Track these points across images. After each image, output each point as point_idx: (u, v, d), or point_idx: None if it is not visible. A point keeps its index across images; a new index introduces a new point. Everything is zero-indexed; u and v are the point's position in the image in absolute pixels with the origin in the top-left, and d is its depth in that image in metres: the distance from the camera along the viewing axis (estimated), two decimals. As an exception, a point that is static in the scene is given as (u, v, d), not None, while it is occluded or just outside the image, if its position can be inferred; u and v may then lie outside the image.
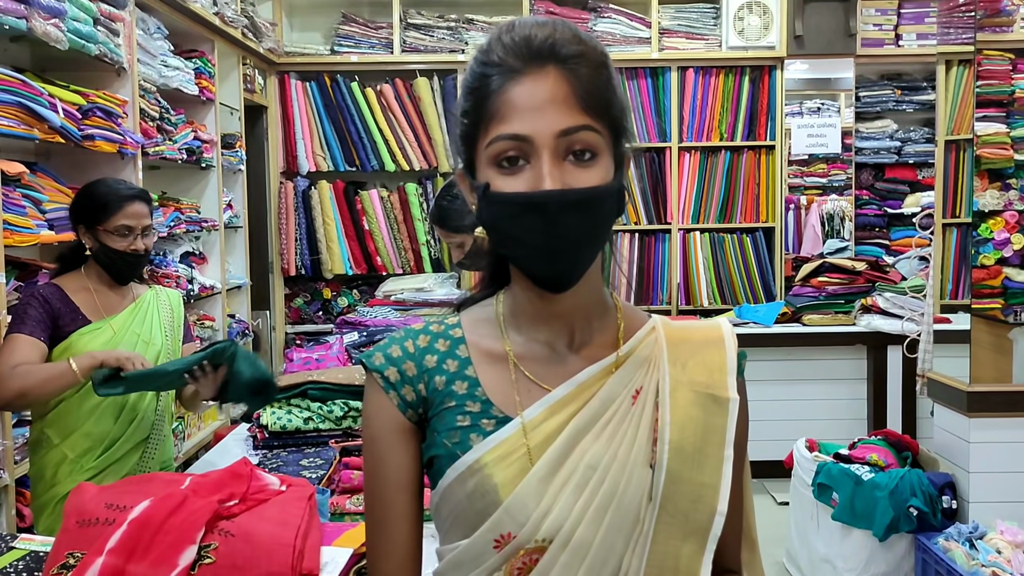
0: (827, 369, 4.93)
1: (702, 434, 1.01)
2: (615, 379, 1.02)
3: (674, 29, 5.80)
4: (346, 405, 2.69)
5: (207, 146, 4.45)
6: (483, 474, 0.98)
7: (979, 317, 3.55)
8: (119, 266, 2.49)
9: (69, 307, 2.43)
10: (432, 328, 1.07)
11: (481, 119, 0.96)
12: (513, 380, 1.03)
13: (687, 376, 1.03)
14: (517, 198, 0.94)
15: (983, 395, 3.33)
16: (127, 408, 2.47)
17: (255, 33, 5.12)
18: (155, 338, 2.56)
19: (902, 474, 3.38)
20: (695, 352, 1.05)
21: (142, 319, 2.55)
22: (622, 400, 1.01)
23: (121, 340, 2.47)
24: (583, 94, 0.94)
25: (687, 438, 1.00)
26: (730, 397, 1.03)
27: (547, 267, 0.97)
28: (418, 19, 5.76)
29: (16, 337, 2.34)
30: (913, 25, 5.89)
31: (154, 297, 2.63)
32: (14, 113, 2.79)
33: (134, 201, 2.48)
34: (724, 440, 1.01)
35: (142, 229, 2.48)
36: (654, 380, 1.02)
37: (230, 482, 1.51)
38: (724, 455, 1.01)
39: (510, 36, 0.96)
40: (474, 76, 0.98)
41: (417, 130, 5.76)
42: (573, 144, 0.94)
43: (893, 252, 5.80)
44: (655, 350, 1.05)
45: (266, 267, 5.77)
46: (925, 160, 6.10)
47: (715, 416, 1.02)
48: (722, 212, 5.89)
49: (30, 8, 2.85)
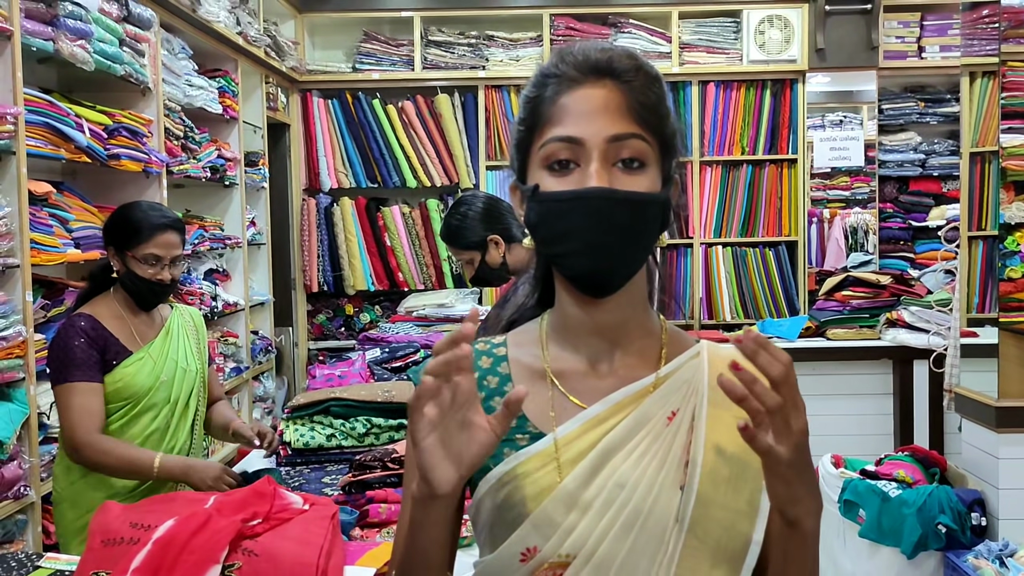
0: (852, 384, 4.87)
1: (739, 459, 0.99)
2: (652, 400, 1.02)
3: (694, 43, 5.80)
4: (368, 422, 2.69)
5: (230, 164, 4.48)
6: (513, 486, 0.99)
7: (1007, 331, 3.50)
8: (143, 293, 2.47)
9: (109, 339, 2.41)
10: (478, 346, 1.09)
11: (536, 124, 1.01)
12: (550, 397, 1.04)
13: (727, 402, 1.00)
14: (564, 195, 0.98)
15: (1012, 410, 3.28)
16: (164, 443, 2.49)
17: (278, 52, 5.17)
18: (191, 364, 2.57)
19: (930, 491, 3.33)
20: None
21: (176, 344, 2.55)
22: (657, 421, 1.01)
23: (162, 369, 2.48)
24: (636, 105, 0.98)
25: (723, 463, 0.99)
26: None
27: (589, 264, 0.99)
28: (439, 36, 5.79)
29: (75, 387, 2.32)
30: (936, 37, 5.84)
31: (178, 317, 2.63)
32: (41, 133, 2.84)
33: (166, 231, 2.44)
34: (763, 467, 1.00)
35: (171, 259, 2.45)
36: (691, 403, 1.02)
37: (253, 501, 1.52)
38: (763, 483, 0.98)
39: (571, 55, 1.02)
40: (532, 87, 1.03)
41: (438, 146, 5.78)
42: (622, 151, 0.98)
43: (918, 265, 5.74)
44: (697, 374, 1.03)
45: (289, 283, 5.80)
46: (950, 172, 6.04)
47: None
48: (744, 226, 5.87)
49: (57, 30, 2.89)
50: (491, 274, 2.67)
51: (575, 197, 0.97)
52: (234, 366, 4.51)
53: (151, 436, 2.46)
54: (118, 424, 2.42)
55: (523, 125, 1.03)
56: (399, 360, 3.53)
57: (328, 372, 3.36)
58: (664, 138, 1.01)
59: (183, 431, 2.53)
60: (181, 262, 2.53)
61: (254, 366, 4.82)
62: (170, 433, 2.50)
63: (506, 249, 2.63)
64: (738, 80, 5.82)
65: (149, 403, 2.45)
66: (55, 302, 3.02)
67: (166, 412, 2.50)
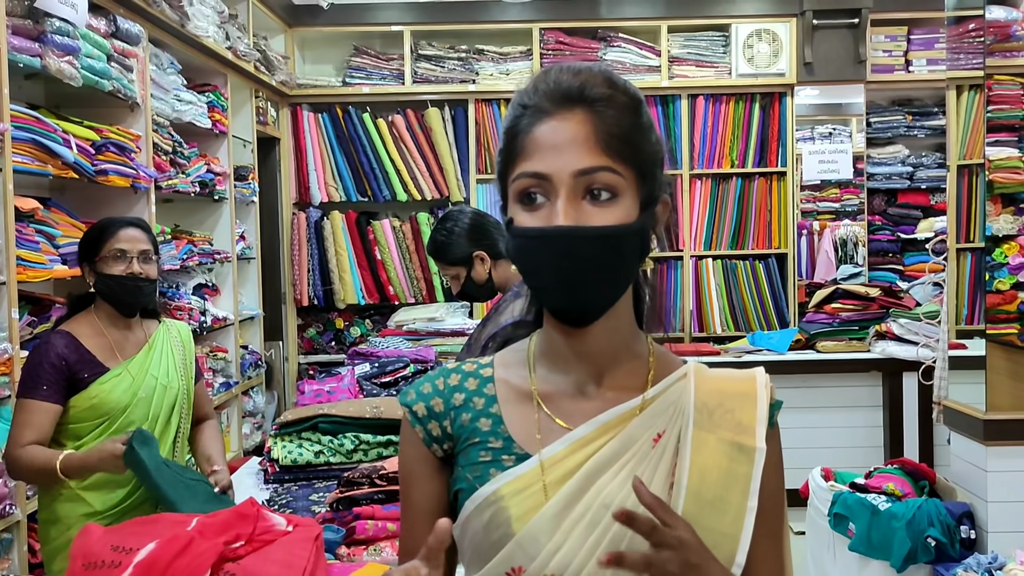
0: (842, 397, 4.88)
1: (724, 482, 1.00)
2: (638, 421, 1.02)
3: (684, 57, 5.82)
4: (356, 438, 2.68)
5: (220, 178, 4.48)
6: (499, 506, 1.00)
7: (995, 343, 3.51)
8: (119, 293, 2.44)
9: (84, 356, 2.39)
10: (465, 367, 1.10)
11: (511, 157, 1.01)
12: (536, 419, 1.04)
13: (713, 424, 1.02)
14: (532, 231, 0.98)
15: (1000, 423, 3.29)
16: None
17: (268, 66, 5.17)
18: (172, 381, 2.53)
19: (919, 504, 3.33)
20: (724, 402, 1.04)
21: (158, 360, 2.52)
22: (643, 443, 1.01)
23: (140, 384, 2.45)
24: (605, 136, 0.97)
25: (708, 485, 1.00)
26: (756, 447, 1.02)
27: (561, 300, 0.99)
28: (429, 50, 5.80)
29: (27, 404, 2.32)
30: (923, 51, 5.88)
31: (165, 332, 2.59)
32: (28, 150, 2.83)
33: (127, 227, 2.46)
34: (748, 490, 1.00)
35: (138, 253, 2.44)
36: (677, 425, 1.02)
37: (236, 523, 1.51)
38: (748, 505, 1.00)
39: (545, 80, 1.01)
40: (509, 117, 1.03)
41: (428, 160, 5.79)
42: (591, 184, 0.97)
43: (907, 278, 5.75)
44: (683, 396, 1.04)
45: (279, 298, 5.78)
46: (937, 185, 6.07)
47: (740, 464, 1.01)
48: (734, 239, 5.88)
49: (44, 46, 2.89)
50: (477, 290, 2.68)
51: (541, 235, 0.97)
52: (223, 381, 4.49)
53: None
54: (94, 440, 2.38)
55: (500, 156, 1.04)
56: (388, 375, 3.52)
57: (317, 388, 3.35)
58: (640, 165, 0.99)
59: (163, 449, 2.46)
60: (153, 261, 2.49)
61: (244, 381, 4.80)
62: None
63: (492, 265, 2.64)
64: (727, 93, 5.84)
65: (127, 420, 2.41)
66: (41, 318, 3.01)
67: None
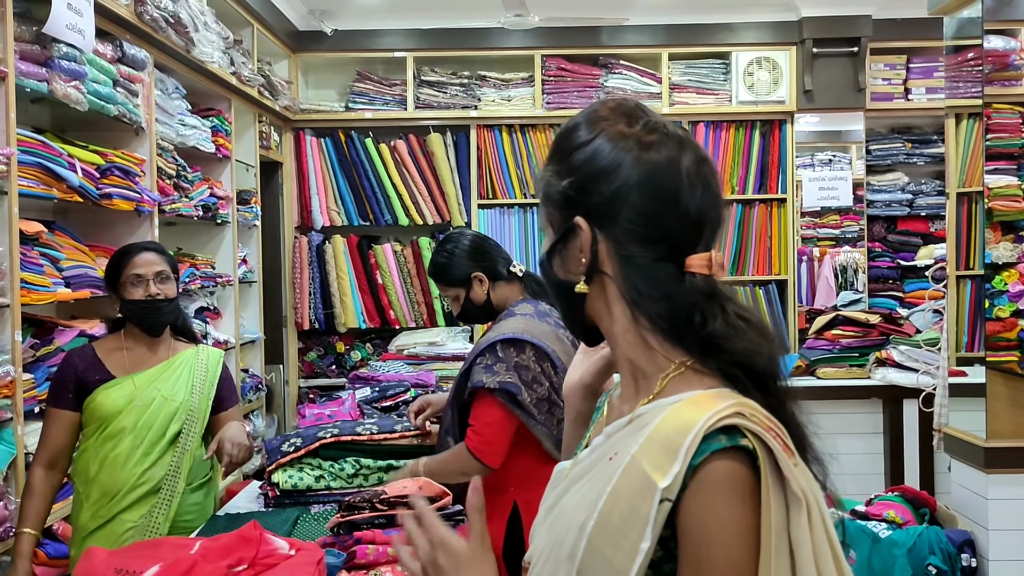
0: (842, 423, 4.87)
1: (628, 515, 0.94)
2: (614, 438, 1.04)
3: (684, 84, 5.87)
4: (357, 463, 2.69)
5: (223, 202, 4.50)
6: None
7: (995, 371, 3.52)
8: (141, 316, 2.57)
9: (95, 365, 2.55)
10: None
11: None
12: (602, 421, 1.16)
13: (650, 450, 0.96)
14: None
15: (1001, 451, 3.29)
16: (135, 460, 2.51)
17: (271, 91, 5.21)
18: (177, 395, 2.58)
19: (920, 531, 3.33)
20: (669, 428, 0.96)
21: (170, 377, 2.60)
22: (605, 458, 1.02)
23: (140, 395, 2.53)
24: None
25: (616, 514, 0.95)
26: (658, 484, 0.92)
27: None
28: (431, 76, 5.84)
29: (48, 412, 2.54)
30: (922, 79, 5.93)
31: (192, 356, 2.68)
32: (34, 173, 2.85)
33: (141, 252, 2.58)
34: (643, 532, 0.92)
35: (154, 275, 2.55)
36: (629, 447, 0.99)
37: (239, 546, 1.51)
38: (640, 547, 0.92)
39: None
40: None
41: (430, 184, 5.82)
42: None
43: (907, 304, 5.76)
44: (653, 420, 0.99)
45: (280, 321, 5.79)
46: (937, 212, 6.09)
47: (643, 500, 0.93)
48: (734, 265, 5.89)
49: (51, 71, 2.92)
50: (476, 311, 2.70)
51: None
52: (224, 404, 4.49)
53: (115, 461, 2.50)
54: (92, 443, 2.52)
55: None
56: (389, 399, 3.52)
57: (318, 411, 3.35)
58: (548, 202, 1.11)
59: (162, 465, 2.54)
60: (170, 281, 2.60)
61: (244, 404, 4.80)
62: (148, 463, 2.52)
63: (490, 286, 2.66)
64: (727, 120, 5.88)
65: (117, 426, 2.50)
66: (44, 341, 3.01)
67: (133, 439, 2.51)
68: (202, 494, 2.70)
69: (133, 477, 2.50)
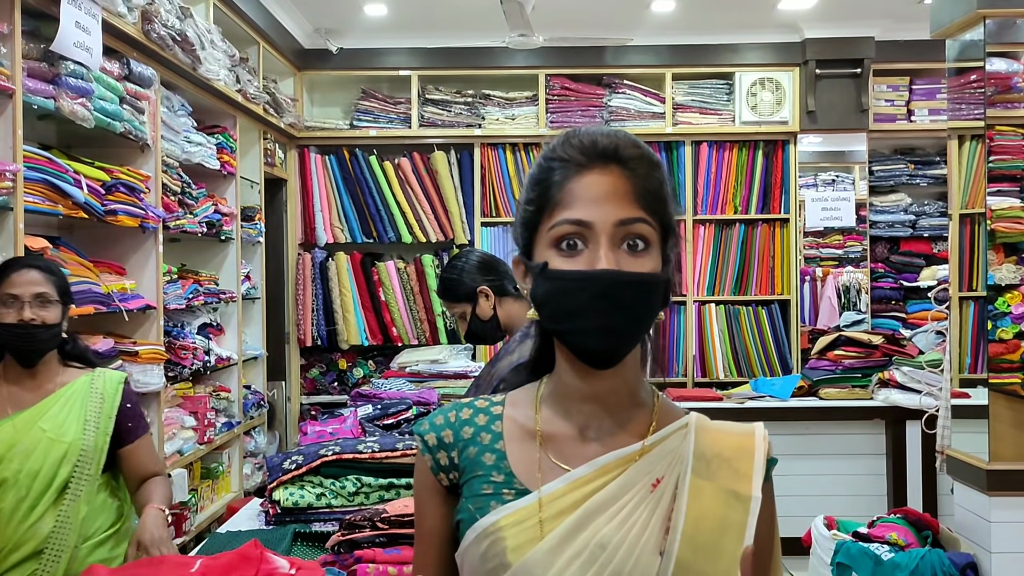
0: (845, 444, 4.86)
1: (719, 529, 1.03)
2: (637, 466, 1.06)
3: (688, 104, 5.89)
4: (358, 481, 2.68)
5: (227, 219, 4.52)
6: (495, 537, 1.04)
7: (998, 392, 3.51)
8: (10, 342, 2.22)
9: None
10: (478, 403, 1.16)
11: (545, 205, 1.07)
12: (538, 457, 1.09)
13: (711, 472, 1.06)
14: (574, 274, 1.03)
15: (1004, 473, 3.28)
16: (21, 515, 2.16)
17: (276, 109, 5.23)
18: (67, 434, 2.23)
19: (923, 554, 3.31)
20: (722, 452, 1.08)
21: (57, 413, 2.24)
22: (642, 487, 1.05)
23: (22, 438, 2.18)
24: (641, 191, 1.04)
25: (703, 531, 1.03)
26: (752, 495, 1.05)
27: (596, 342, 1.04)
28: (436, 95, 5.87)
29: None
30: (925, 101, 5.95)
31: (85, 384, 2.31)
32: (40, 190, 2.86)
33: (21, 269, 2.23)
34: (742, 537, 1.03)
35: (32, 296, 2.20)
36: (676, 472, 1.06)
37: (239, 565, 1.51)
38: (741, 552, 1.02)
39: (577, 139, 1.08)
40: (540, 169, 1.09)
41: (434, 202, 5.84)
42: (628, 234, 1.04)
43: (910, 325, 5.76)
44: (683, 444, 1.08)
45: (282, 337, 5.80)
46: (940, 233, 6.10)
47: (735, 512, 1.04)
48: (737, 284, 5.90)
49: (58, 88, 2.94)
50: (483, 328, 2.69)
51: (585, 277, 1.02)
52: (226, 421, 4.49)
53: (3, 512, 2.15)
54: None
55: (531, 205, 1.09)
56: (391, 417, 3.51)
57: (320, 429, 3.35)
58: (665, 221, 1.07)
59: (50, 516, 2.17)
60: (53, 306, 2.24)
61: (246, 421, 4.80)
62: (34, 516, 2.17)
63: (497, 302, 2.66)
64: (731, 140, 5.90)
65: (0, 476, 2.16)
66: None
67: (19, 490, 2.16)
68: (107, 548, 2.30)
69: (17, 534, 2.15)
